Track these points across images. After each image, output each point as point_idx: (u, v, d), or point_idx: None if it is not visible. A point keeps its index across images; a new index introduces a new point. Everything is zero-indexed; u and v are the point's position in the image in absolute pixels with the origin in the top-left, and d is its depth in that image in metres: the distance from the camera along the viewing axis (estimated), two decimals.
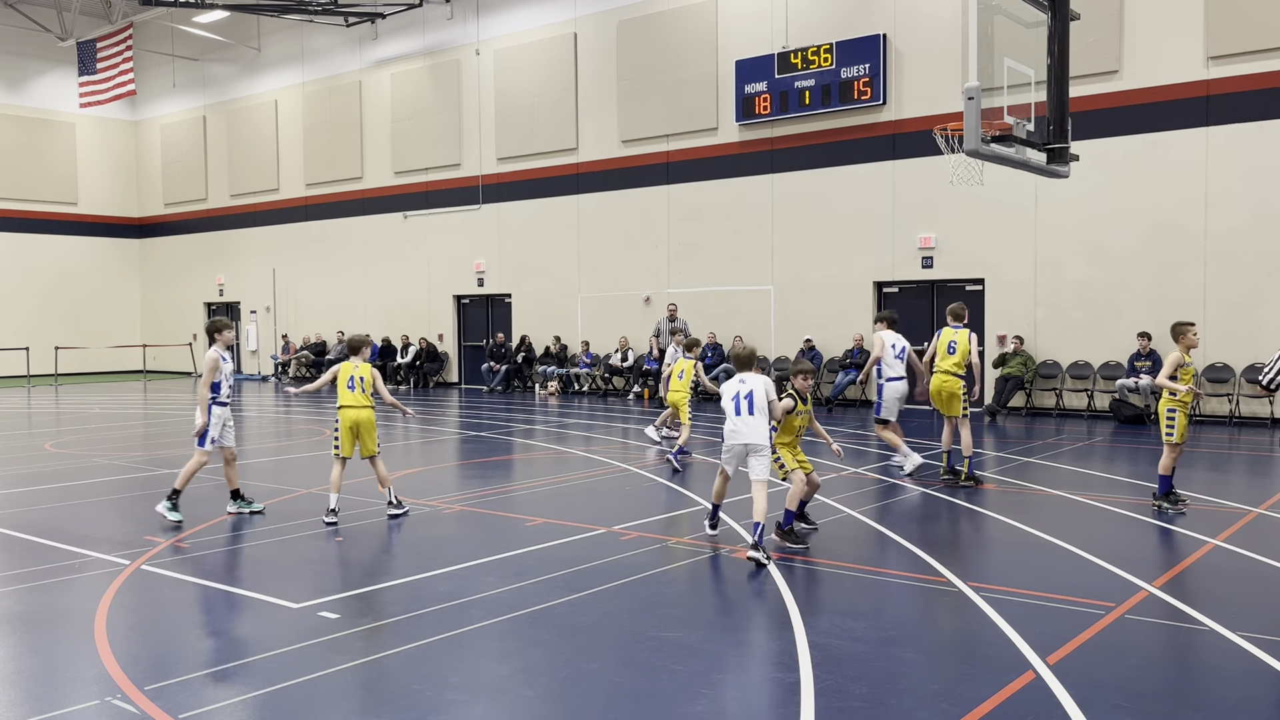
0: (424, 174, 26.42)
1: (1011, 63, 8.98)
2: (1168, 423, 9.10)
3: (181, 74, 32.50)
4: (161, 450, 14.36)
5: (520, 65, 24.29)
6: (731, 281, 21.12)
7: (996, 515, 9.06)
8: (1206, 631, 5.68)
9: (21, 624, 6.17)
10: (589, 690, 4.99)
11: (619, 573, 7.16)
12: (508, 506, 9.67)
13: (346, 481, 9.51)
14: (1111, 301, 16.93)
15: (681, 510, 9.40)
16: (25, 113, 32.21)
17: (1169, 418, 9.10)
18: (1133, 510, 9.23)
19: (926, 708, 4.67)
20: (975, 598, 6.37)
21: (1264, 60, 15.49)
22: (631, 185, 22.54)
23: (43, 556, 7.77)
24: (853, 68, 19.14)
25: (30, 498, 10.52)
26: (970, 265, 18.35)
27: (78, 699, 4.89)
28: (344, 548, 8.06)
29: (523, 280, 24.79)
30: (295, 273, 29.89)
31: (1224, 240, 15.85)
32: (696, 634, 5.81)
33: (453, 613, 6.20)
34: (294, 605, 6.38)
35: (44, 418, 20.17)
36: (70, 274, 33.14)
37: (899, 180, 18.96)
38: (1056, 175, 9.71)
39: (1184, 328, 9.11)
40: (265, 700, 4.85)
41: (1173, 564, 7.35)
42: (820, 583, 6.89)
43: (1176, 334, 9.13)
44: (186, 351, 33.54)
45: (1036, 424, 16.36)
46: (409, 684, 5.03)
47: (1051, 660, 5.20)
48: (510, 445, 14.67)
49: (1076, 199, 16.74)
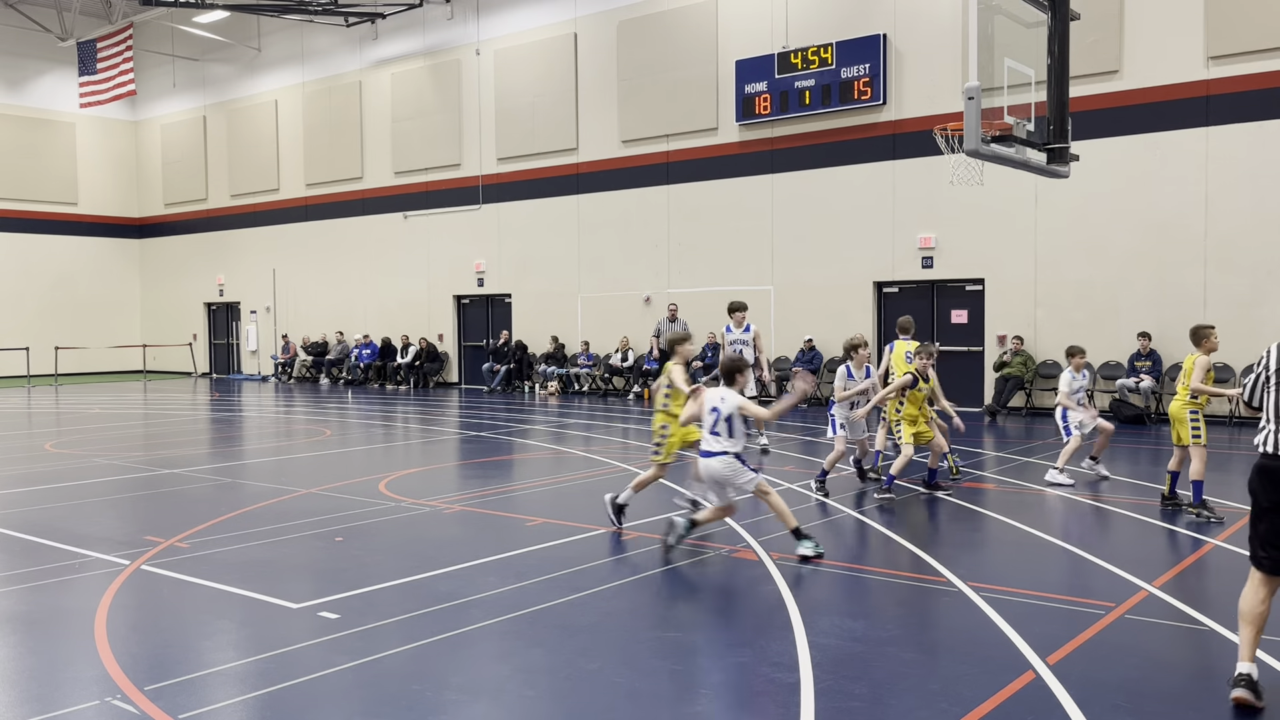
0: (424, 174, 26.42)
1: (1011, 63, 8.99)
2: (1194, 427, 8.83)
3: (181, 74, 32.50)
4: (162, 450, 14.36)
5: (520, 65, 24.29)
6: (731, 281, 21.11)
7: (996, 515, 9.06)
8: (1206, 631, 5.68)
9: (21, 624, 6.17)
10: (589, 690, 4.98)
11: (619, 573, 7.15)
12: (508, 506, 9.67)
13: (343, 482, 9.50)
14: (1111, 301, 16.93)
15: (681, 510, 9.39)
16: (25, 113, 32.22)
17: (1194, 422, 8.84)
18: (1133, 510, 9.23)
19: (926, 708, 4.67)
20: (975, 598, 6.37)
21: (1264, 60, 15.49)
22: (631, 185, 22.54)
23: (43, 556, 7.77)
24: (853, 68, 19.13)
25: (30, 498, 10.52)
26: (970, 265, 18.35)
27: (78, 699, 4.89)
28: (344, 548, 8.06)
29: (523, 280, 24.79)
30: (295, 273, 29.89)
31: (1224, 240, 15.85)
32: (696, 634, 5.81)
33: (453, 613, 6.19)
34: (294, 605, 6.37)
35: (44, 418, 20.17)
36: (70, 274, 33.14)
37: (899, 180, 18.96)
38: (1056, 175, 9.72)
39: (1206, 331, 8.81)
40: (265, 700, 4.84)
41: (1173, 564, 7.35)
42: (820, 583, 6.89)
43: (1199, 338, 8.82)
44: (186, 351, 33.54)
45: (1036, 424, 16.35)
46: (409, 684, 5.03)
47: (1051, 660, 5.20)
48: (510, 445, 14.67)
49: (1076, 199, 16.74)
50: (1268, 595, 4.67)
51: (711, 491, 7.69)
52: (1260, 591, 4.66)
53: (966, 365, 18.59)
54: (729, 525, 8.50)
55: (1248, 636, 4.65)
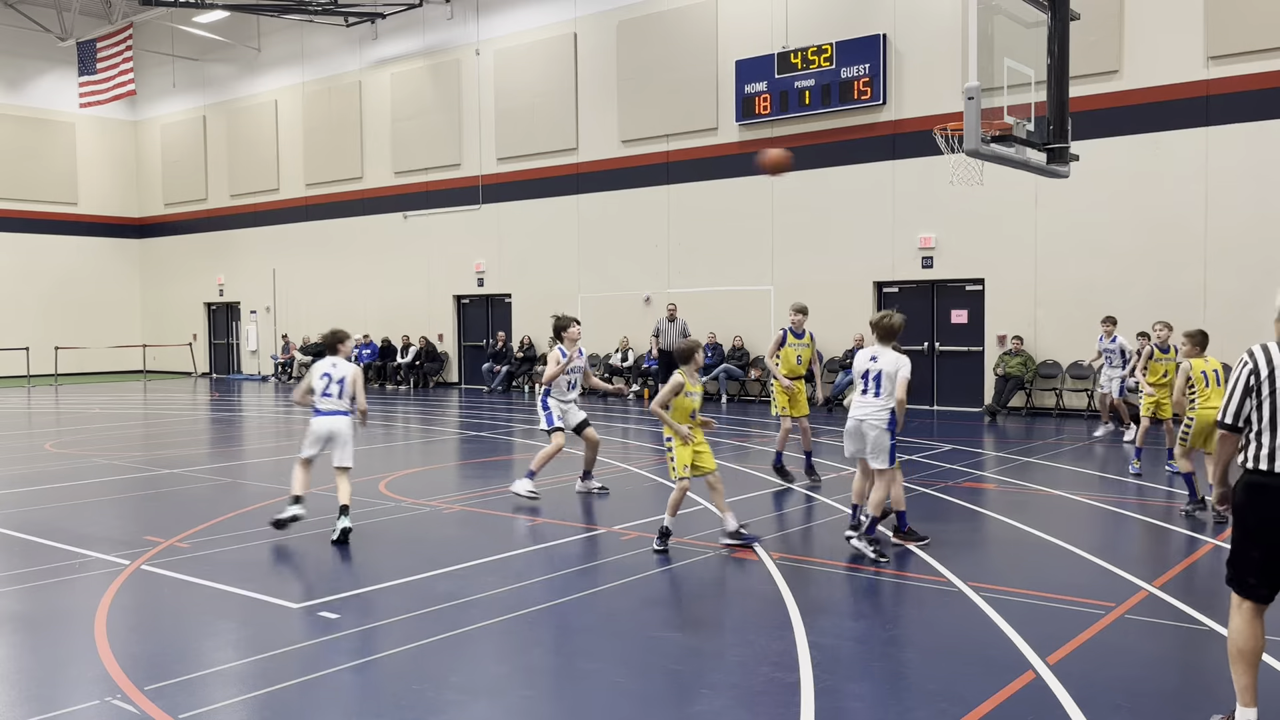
0: (424, 174, 26.42)
1: (1011, 63, 8.99)
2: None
3: (181, 74, 32.50)
4: (162, 450, 14.36)
5: (520, 65, 24.29)
6: (731, 281, 21.11)
7: (996, 515, 9.06)
8: (1206, 631, 5.68)
9: (21, 624, 6.17)
10: (589, 690, 4.98)
11: (619, 573, 7.15)
12: (508, 506, 9.67)
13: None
14: (1111, 301, 16.91)
15: (681, 510, 9.39)
16: (25, 113, 32.21)
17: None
18: (1133, 510, 9.23)
19: (926, 708, 4.67)
20: (975, 598, 6.37)
21: (1264, 60, 15.48)
22: (631, 185, 22.53)
23: (43, 556, 7.77)
24: (853, 68, 19.13)
25: (30, 498, 10.52)
26: (970, 265, 18.35)
27: (78, 699, 4.89)
28: (344, 548, 8.05)
29: (523, 280, 24.79)
30: (295, 273, 29.89)
31: (1224, 240, 15.85)
32: (696, 634, 5.81)
33: (453, 613, 6.19)
34: (294, 605, 6.37)
35: (44, 418, 20.17)
36: (70, 274, 33.13)
37: (899, 180, 18.96)
38: (1056, 175, 9.72)
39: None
40: (265, 700, 4.84)
41: (1173, 564, 7.35)
42: (820, 583, 6.89)
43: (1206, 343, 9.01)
44: (186, 351, 33.54)
45: (1036, 424, 16.36)
46: (409, 684, 5.03)
47: (1051, 660, 5.20)
48: (510, 445, 14.67)
49: (1076, 199, 16.74)
50: (1262, 626, 4.20)
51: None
52: (1255, 625, 4.18)
53: (967, 365, 18.59)
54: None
55: (1250, 679, 4.16)
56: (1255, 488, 4.14)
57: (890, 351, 7.54)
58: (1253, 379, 4.17)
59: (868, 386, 7.56)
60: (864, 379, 7.59)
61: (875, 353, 7.60)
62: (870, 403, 7.53)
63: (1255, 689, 4.17)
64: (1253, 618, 4.18)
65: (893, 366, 7.44)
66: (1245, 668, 4.15)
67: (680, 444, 7.68)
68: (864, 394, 7.59)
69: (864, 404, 7.57)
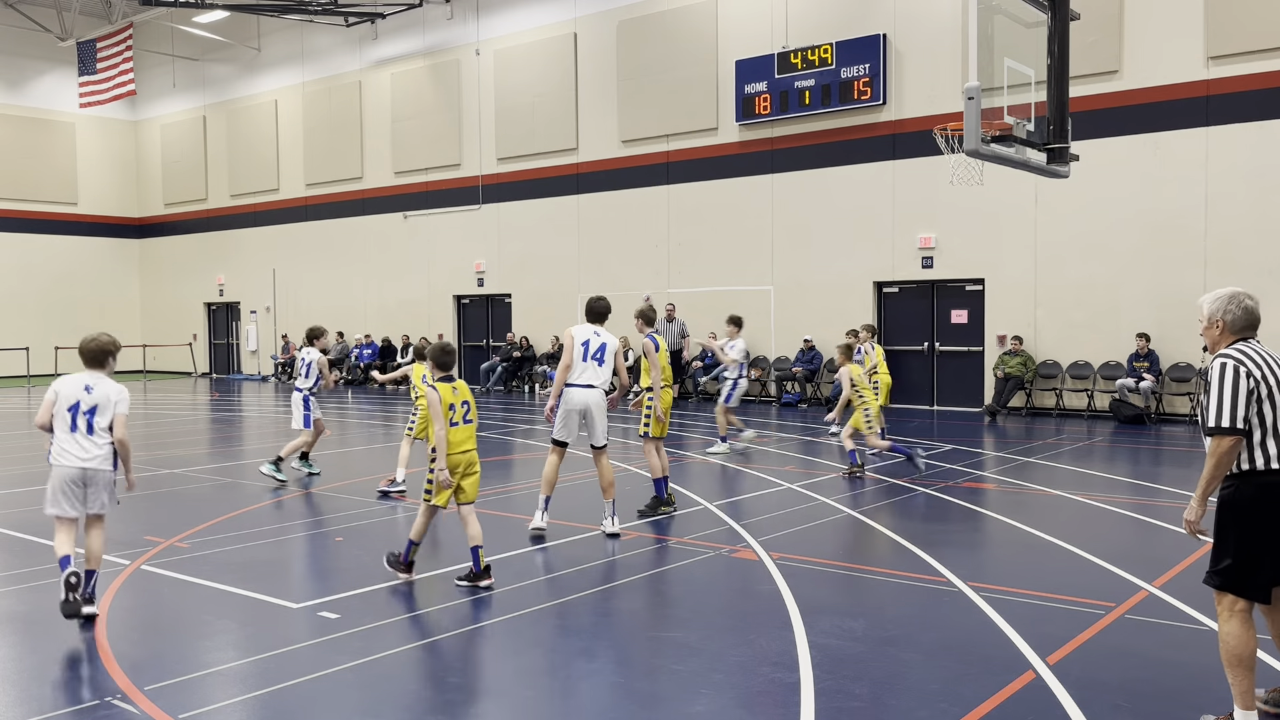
0: (424, 174, 26.42)
1: (1011, 63, 8.98)
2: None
3: (181, 74, 32.50)
4: (161, 450, 14.36)
5: (520, 65, 24.29)
6: (731, 281, 21.11)
7: (996, 515, 9.06)
8: (1206, 631, 5.68)
9: (21, 624, 6.17)
10: (589, 690, 4.99)
11: (619, 573, 7.15)
12: (508, 506, 9.67)
13: (343, 482, 9.50)
14: (1111, 301, 16.93)
15: (682, 510, 9.39)
16: (25, 113, 32.20)
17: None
18: (1133, 510, 9.23)
19: (926, 708, 4.67)
20: (975, 598, 6.37)
21: (1264, 60, 15.48)
22: (631, 185, 22.53)
23: (43, 556, 7.76)
24: (853, 68, 19.13)
25: (30, 498, 10.51)
26: (970, 265, 18.34)
27: (78, 699, 4.89)
28: (344, 548, 8.06)
29: (523, 280, 24.79)
30: (295, 273, 29.88)
31: (1224, 240, 15.85)
32: (696, 634, 5.81)
33: (453, 612, 6.20)
34: (294, 605, 6.38)
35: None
36: (70, 274, 33.12)
37: (899, 180, 18.96)
38: (1056, 175, 9.71)
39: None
40: (265, 700, 4.84)
41: (1173, 564, 7.34)
42: (820, 583, 6.89)
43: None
44: (186, 351, 33.54)
45: (1036, 424, 16.35)
46: (409, 684, 5.03)
47: (1051, 660, 5.20)
48: (510, 445, 14.66)
49: (1076, 199, 16.73)
50: (1254, 626, 4.17)
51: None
52: (1251, 627, 4.14)
53: (966, 365, 18.59)
54: (729, 525, 8.50)
55: (1250, 683, 4.12)
56: (1271, 488, 4.10)
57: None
58: (1250, 381, 4.11)
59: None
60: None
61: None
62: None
63: (1254, 692, 4.15)
64: (1249, 620, 4.15)
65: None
66: (1245, 672, 4.12)
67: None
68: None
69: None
